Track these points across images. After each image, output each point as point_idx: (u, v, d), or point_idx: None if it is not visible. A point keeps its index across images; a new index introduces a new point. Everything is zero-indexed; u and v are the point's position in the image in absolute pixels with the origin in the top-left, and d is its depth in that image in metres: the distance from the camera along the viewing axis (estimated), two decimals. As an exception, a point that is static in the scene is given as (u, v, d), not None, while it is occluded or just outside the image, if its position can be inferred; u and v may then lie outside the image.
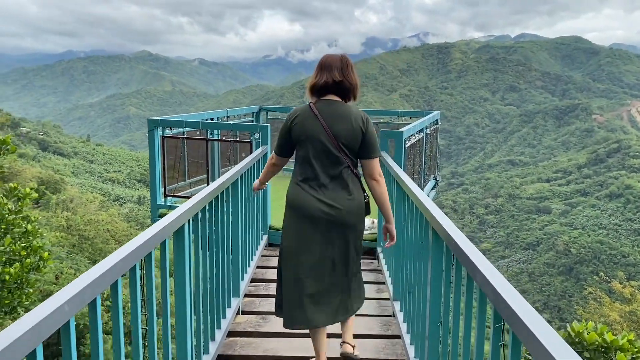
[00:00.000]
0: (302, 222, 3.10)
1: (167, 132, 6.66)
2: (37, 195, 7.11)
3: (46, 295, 18.03)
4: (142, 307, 2.11)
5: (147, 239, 2.05)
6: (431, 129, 8.04)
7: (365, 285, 4.82)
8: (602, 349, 3.91)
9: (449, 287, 2.46)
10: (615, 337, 3.86)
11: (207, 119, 7.48)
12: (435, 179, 8.81)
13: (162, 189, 6.72)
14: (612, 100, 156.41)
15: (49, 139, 72.46)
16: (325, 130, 3.08)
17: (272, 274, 5.07)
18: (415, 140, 6.60)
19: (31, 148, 62.95)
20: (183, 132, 6.90)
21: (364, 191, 3.24)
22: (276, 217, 6.41)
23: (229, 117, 8.20)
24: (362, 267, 3.85)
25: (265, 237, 5.92)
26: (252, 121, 9.21)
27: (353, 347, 3.33)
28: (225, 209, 3.57)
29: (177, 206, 6.64)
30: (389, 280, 4.62)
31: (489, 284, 1.61)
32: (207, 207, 3.13)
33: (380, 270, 5.25)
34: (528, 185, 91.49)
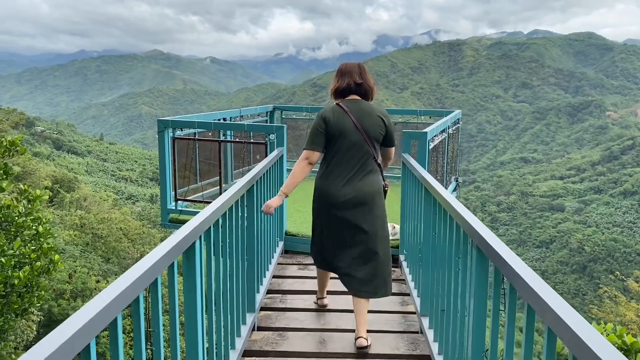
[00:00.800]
0: (335, 210, 3.45)
1: (178, 133, 6.37)
2: (47, 197, 6.90)
3: (59, 294, 17.91)
4: (147, 340, 1.83)
5: (153, 264, 1.76)
6: (453, 128, 7.70)
7: (388, 297, 4.52)
8: (622, 351, 3.71)
9: (497, 315, 2.14)
10: (636, 340, 3.74)
11: (219, 119, 7.16)
12: (457, 180, 8.48)
13: (173, 193, 6.42)
14: (626, 96, 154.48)
15: (63, 138, 72.85)
16: (356, 125, 3.45)
17: (289, 284, 4.79)
18: (438, 141, 6.27)
19: (45, 147, 63.27)
20: (194, 133, 6.59)
21: (384, 179, 3.65)
22: (292, 221, 6.12)
23: (242, 116, 7.89)
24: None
25: (281, 244, 5.58)
26: (266, 121, 8.88)
27: (366, 339, 3.52)
28: (240, 214, 3.30)
29: (188, 210, 6.35)
30: (414, 293, 4.29)
31: (569, 329, 1.30)
32: (221, 216, 2.84)
33: (404, 279, 4.92)
34: (541, 182, 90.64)
